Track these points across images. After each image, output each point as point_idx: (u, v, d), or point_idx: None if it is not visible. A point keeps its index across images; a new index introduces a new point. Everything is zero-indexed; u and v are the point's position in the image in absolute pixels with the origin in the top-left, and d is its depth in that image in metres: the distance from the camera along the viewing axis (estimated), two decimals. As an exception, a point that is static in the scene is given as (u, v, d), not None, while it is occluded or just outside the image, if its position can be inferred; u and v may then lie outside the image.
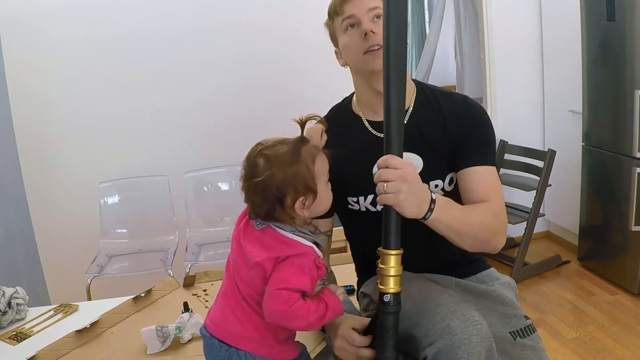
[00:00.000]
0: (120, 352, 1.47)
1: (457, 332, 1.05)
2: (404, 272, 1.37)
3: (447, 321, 1.08)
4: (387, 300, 1.05)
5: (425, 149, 1.29)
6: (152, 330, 1.46)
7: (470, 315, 1.09)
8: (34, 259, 2.87)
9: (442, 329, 1.07)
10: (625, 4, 2.69)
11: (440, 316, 1.10)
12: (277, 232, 1.09)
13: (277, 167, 1.06)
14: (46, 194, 2.96)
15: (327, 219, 1.38)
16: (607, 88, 2.91)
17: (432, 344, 1.07)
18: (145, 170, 3.05)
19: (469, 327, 1.06)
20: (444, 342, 1.05)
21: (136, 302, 1.73)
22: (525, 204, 3.31)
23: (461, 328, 1.06)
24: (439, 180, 1.30)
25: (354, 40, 1.28)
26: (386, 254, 1.04)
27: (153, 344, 1.46)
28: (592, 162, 3.13)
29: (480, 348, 1.04)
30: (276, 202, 1.07)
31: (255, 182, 1.06)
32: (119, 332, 1.59)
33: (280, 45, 3.08)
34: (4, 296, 1.66)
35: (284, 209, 1.08)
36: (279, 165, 1.06)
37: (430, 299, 1.16)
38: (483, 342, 1.05)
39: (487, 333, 1.07)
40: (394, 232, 1.05)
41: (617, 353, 2.42)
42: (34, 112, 2.89)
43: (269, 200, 1.06)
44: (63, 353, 1.48)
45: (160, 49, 2.95)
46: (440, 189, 1.30)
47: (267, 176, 1.05)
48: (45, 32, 2.83)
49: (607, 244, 3.07)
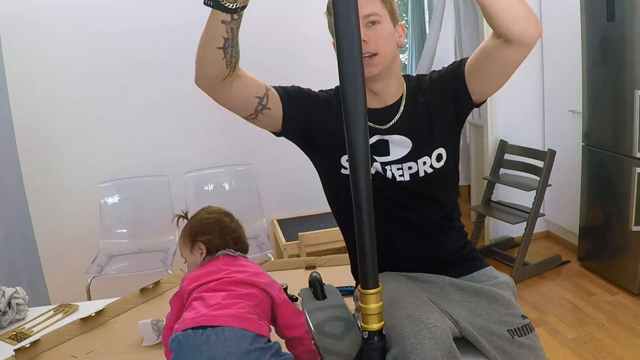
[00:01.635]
0: (117, 341, 1.51)
1: (409, 337, 1.05)
2: (387, 272, 1.38)
3: (402, 326, 1.07)
4: (372, 339, 1.02)
5: (419, 128, 1.35)
6: (148, 323, 1.49)
7: (425, 319, 1.08)
8: (34, 259, 2.87)
9: (396, 334, 1.07)
10: (625, 4, 2.69)
11: (397, 321, 1.09)
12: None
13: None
14: (46, 194, 2.96)
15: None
16: (607, 88, 2.91)
17: (389, 350, 1.06)
18: (145, 170, 3.06)
19: (422, 330, 1.05)
20: (398, 348, 1.04)
21: (143, 294, 1.74)
22: (525, 204, 3.31)
23: (414, 333, 1.05)
24: (426, 157, 1.35)
25: None
26: (365, 294, 1.00)
27: (149, 336, 1.49)
28: (592, 162, 3.13)
29: (434, 352, 1.03)
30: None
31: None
32: (122, 322, 1.63)
33: (282, 43, 3.08)
34: (4, 296, 1.66)
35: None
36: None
37: (394, 303, 1.15)
38: (438, 346, 1.04)
39: (442, 336, 1.06)
40: (371, 271, 1.00)
41: (617, 353, 2.42)
42: (34, 111, 2.89)
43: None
44: (66, 339, 1.53)
45: (161, 48, 2.95)
46: (429, 166, 1.35)
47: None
48: (45, 31, 2.84)
49: (607, 244, 3.07)
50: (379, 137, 1.35)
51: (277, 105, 1.32)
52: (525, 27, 1.13)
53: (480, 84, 1.30)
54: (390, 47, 1.32)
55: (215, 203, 3.09)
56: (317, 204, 3.03)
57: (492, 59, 1.22)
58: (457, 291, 1.32)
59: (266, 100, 1.30)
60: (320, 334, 1.34)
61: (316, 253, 2.58)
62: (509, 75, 1.26)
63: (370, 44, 1.28)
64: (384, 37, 1.30)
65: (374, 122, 1.35)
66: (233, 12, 1.09)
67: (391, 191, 1.35)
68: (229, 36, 1.12)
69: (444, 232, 1.41)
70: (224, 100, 1.27)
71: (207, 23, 1.12)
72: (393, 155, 1.35)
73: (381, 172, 1.34)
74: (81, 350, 1.47)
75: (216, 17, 1.10)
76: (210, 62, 1.16)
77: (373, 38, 1.28)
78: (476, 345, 1.18)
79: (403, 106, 1.37)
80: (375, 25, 1.29)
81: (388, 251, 1.38)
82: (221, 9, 1.08)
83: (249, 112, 1.30)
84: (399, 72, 1.39)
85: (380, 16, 1.30)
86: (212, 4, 1.08)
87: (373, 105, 1.36)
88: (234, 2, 1.07)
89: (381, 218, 1.37)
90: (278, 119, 1.34)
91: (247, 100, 1.28)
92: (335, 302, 1.48)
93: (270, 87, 1.32)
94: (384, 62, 1.31)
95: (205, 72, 1.19)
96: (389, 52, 1.31)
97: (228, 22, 1.10)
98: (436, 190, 1.37)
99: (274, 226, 3.20)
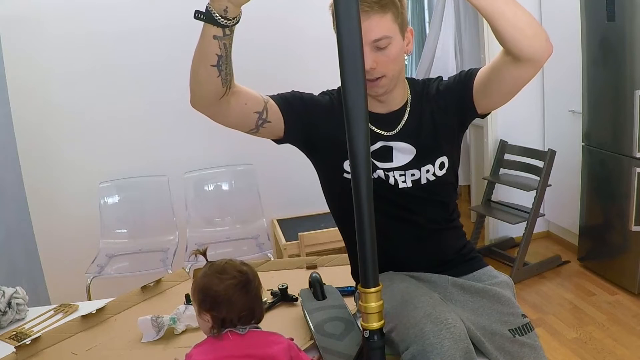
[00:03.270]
0: (117, 338, 1.52)
1: (429, 336, 1.05)
2: (392, 272, 1.37)
3: (421, 325, 1.08)
4: (372, 337, 1.02)
5: (424, 136, 1.34)
6: (147, 320, 1.49)
7: (444, 319, 1.09)
8: (34, 259, 2.87)
9: (415, 334, 1.07)
10: (625, 4, 2.69)
11: (415, 320, 1.10)
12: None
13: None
14: (46, 194, 2.96)
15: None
16: (607, 88, 2.91)
17: (407, 348, 1.07)
18: (145, 170, 3.06)
19: (442, 330, 1.06)
20: (417, 347, 1.05)
21: (144, 292, 1.75)
22: (525, 204, 3.31)
23: (434, 332, 1.06)
24: (429, 165, 1.34)
25: None
26: (366, 292, 1.01)
27: (148, 333, 1.49)
28: (592, 162, 3.13)
29: (453, 351, 1.04)
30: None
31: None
32: (122, 320, 1.63)
33: (282, 43, 3.08)
34: (4, 296, 1.66)
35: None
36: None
37: (409, 302, 1.16)
38: (457, 346, 1.05)
39: (461, 336, 1.07)
40: (371, 270, 1.00)
41: (617, 353, 2.42)
42: (34, 111, 2.89)
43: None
44: (67, 336, 1.53)
45: (161, 48, 2.95)
46: (432, 174, 1.35)
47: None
48: (45, 31, 2.83)
49: (607, 244, 3.07)
50: (383, 144, 1.35)
51: (277, 117, 1.30)
52: (534, 44, 1.12)
53: (487, 100, 1.30)
54: (398, 65, 1.29)
55: (215, 203, 3.13)
56: (317, 204, 3.03)
57: (503, 78, 1.22)
58: (460, 291, 1.32)
59: (266, 114, 1.27)
60: (320, 334, 1.34)
61: (316, 253, 2.58)
62: (517, 92, 1.26)
63: (379, 69, 1.25)
64: (394, 58, 1.27)
65: (378, 128, 1.34)
66: (225, 27, 1.06)
67: (393, 195, 1.35)
68: (222, 53, 1.09)
69: (444, 232, 1.41)
70: (222, 119, 1.24)
71: (199, 40, 1.09)
72: (396, 162, 1.35)
73: (383, 178, 1.34)
74: (81, 348, 1.48)
75: (208, 32, 1.07)
76: (206, 81, 1.13)
77: (381, 62, 1.25)
78: (478, 345, 1.18)
79: (408, 113, 1.36)
80: (385, 49, 1.25)
81: (389, 251, 1.38)
82: (213, 23, 1.05)
83: (250, 128, 1.28)
84: (403, 79, 1.38)
85: (391, 37, 1.25)
86: (204, 17, 1.05)
87: (377, 110, 1.35)
88: (225, 15, 1.04)
89: (382, 219, 1.37)
90: (279, 130, 1.32)
91: (246, 117, 1.26)
92: (335, 303, 1.48)
93: (267, 99, 1.29)
94: (390, 83, 1.30)
95: (201, 92, 1.16)
96: (397, 70, 1.29)
97: (220, 37, 1.07)
98: (438, 194, 1.38)
99: (274, 226, 3.20)
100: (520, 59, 1.14)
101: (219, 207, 3.15)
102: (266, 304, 1.57)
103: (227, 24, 1.06)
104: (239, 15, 1.07)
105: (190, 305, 1.57)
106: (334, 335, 1.34)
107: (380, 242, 1.02)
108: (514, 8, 1.09)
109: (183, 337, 1.49)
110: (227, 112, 1.21)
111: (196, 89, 1.16)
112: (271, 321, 1.50)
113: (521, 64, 1.15)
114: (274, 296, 1.62)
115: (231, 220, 3.13)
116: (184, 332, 1.51)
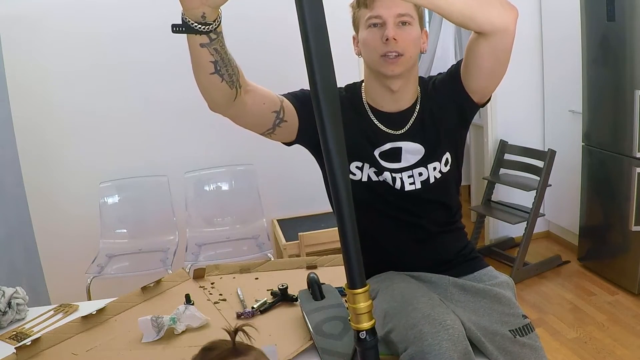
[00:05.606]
0: (117, 339, 1.51)
1: (427, 337, 1.05)
2: (393, 272, 1.37)
3: (420, 327, 1.08)
4: (364, 337, 1.00)
5: (428, 133, 1.35)
6: (147, 320, 1.49)
7: (442, 320, 1.09)
8: (34, 259, 2.87)
9: (414, 335, 1.07)
10: (625, 4, 2.69)
11: (414, 321, 1.10)
12: None
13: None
14: (46, 194, 2.96)
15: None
16: (607, 88, 2.91)
17: (406, 349, 1.07)
18: (145, 170, 3.06)
19: (440, 332, 1.06)
20: (415, 348, 1.05)
21: (144, 292, 1.75)
22: (525, 204, 3.31)
23: (432, 334, 1.06)
24: (436, 163, 1.35)
25: (374, 40, 1.28)
26: (354, 293, 0.98)
27: (148, 333, 1.49)
28: (592, 162, 3.13)
29: (451, 353, 1.04)
30: None
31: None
32: (123, 320, 1.62)
33: (282, 43, 3.08)
34: (4, 296, 1.66)
35: None
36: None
37: (409, 303, 1.16)
38: (455, 347, 1.05)
39: (459, 337, 1.07)
40: (357, 270, 0.97)
41: (617, 353, 2.42)
42: (34, 111, 2.89)
43: None
44: (67, 337, 1.53)
45: (161, 48, 2.95)
46: (438, 171, 1.35)
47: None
48: (45, 31, 2.84)
49: (607, 244, 3.07)
50: (391, 145, 1.35)
51: (292, 116, 1.29)
52: (496, 14, 1.11)
53: (477, 82, 1.29)
54: (415, 50, 1.31)
55: (215, 203, 3.13)
56: (317, 204, 3.05)
57: (481, 54, 1.21)
58: (460, 291, 1.32)
59: (282, 113, 1.27)
60: (319, 334, 1.34)
61: (316, 253, 2.58)
62: (503, 66, 1.24)
63: (399, 44, 1.26)
64: (413, 39, 1.29)
65: (388, 127, 1.35)
66: (208, 32, 1.00)
67: (401, 200, 1.35)
68: (216, 58, 1.04)
69: (447, 234, 1.41)
70: (242, 120, 1.24)
71: (190, 52, 1.05)
72: (404, 162, 1.35)
73: (390, 183, 1.34)
74: (82, 348, 1.48)
75: (194, 42, 1.02)
76: (212, 89, 1.11)
77: (402, 38, 1.26)
78: (478, 346, 1.18)
79: (417, 112, 1.37)
80: (406, 26, 1.28)
81: (390, 251, 1.39)
82: (194, 33, 0.99)
83: (267, 128, 1.27)
84: (417, 77, 1.38)
85: (413, 18, 1.29)
86: (183, 29, 0.99)
87: (388, 108, 1.36)
88: (205, 21, 0.98)
89: (387, 223, 1.38)
90: (293, 130, 1.31)
91: (264, 117, 1.25)
92: (333, 302, 1.48)
93: (282, 98, 1.29)
94: (407, 64, 1.30)
95: (212, 99, 1.14)
96: (414, 55, 1.31)
97: (208, 44, 1.02)
98: (445, 194, 1.39)
99: (274, 226, 3.20)
100: (485, 33, 1.14)
101: (219, 207, 3.15)
102: (266, 304, 1.57)
103: (209, 30, 0.99)
104: (219, 16, 1.01)
105: (191, 305, 1.57)
106: (332, 335, 1.34)
107: (383, 245, 1.02)
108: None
109: (183, 337, 1.49)
110: (245, 112, 1.21)
111: (206, 96, 1.14)
112: (271, 322, 1.50)
113: (493, 36, 1.14)
114: (274, 296, 1.62)
115: (231, 220, 3.13)
116: (184, 332, 1.50)
